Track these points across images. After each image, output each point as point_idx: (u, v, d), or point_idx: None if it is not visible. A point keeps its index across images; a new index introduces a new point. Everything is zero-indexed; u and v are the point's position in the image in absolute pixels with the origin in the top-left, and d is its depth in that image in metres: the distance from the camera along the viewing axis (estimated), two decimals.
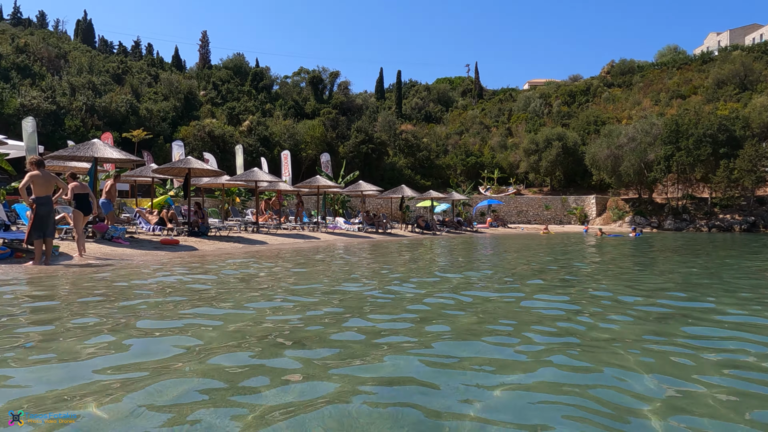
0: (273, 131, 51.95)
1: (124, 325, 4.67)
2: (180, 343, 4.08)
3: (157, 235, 15.17)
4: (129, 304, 5.75)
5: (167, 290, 6.87)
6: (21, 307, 5.51)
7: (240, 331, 4.54)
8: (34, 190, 8.96)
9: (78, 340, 4.10)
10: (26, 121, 19.56)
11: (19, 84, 41.47)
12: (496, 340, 4.39)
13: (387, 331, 4.70)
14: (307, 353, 3.85)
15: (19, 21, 78.07)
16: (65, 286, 7.18)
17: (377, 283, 7.98)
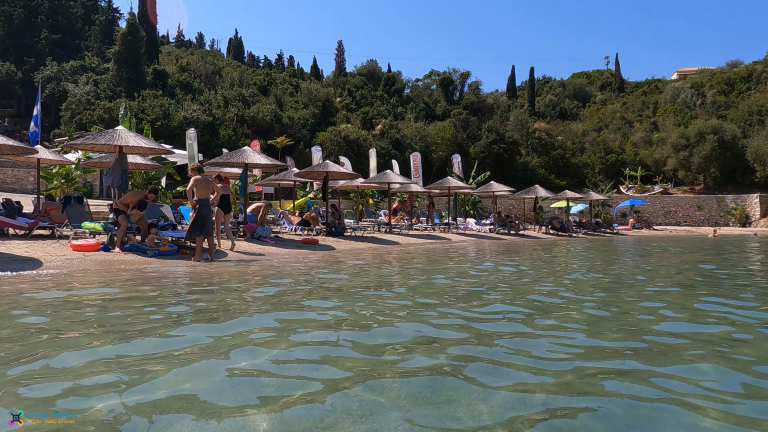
0: (404, 134, 53.05)
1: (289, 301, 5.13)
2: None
3: (298, 234, 16.24)
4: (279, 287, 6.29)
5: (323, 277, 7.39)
6: (209, 289, 6.26)
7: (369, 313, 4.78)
8: (196, 193, 10.07)
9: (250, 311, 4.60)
10: (189, 132, 21.93)
11: (182, 99, 46.50)
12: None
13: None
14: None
15: (182, 43, 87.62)
16: (244, 274, 8.00)
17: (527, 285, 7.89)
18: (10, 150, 12.70)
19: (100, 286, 7.01)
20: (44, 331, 4.30)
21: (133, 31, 47.04)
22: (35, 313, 4.98)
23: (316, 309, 5.51)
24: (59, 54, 50.35)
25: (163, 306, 5.59)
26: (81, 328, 4.47)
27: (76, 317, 4.93)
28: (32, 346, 3.83)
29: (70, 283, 7.10)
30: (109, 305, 5.57)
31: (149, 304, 5.65)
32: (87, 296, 6.17)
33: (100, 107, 39.40)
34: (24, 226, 11.64)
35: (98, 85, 45.50)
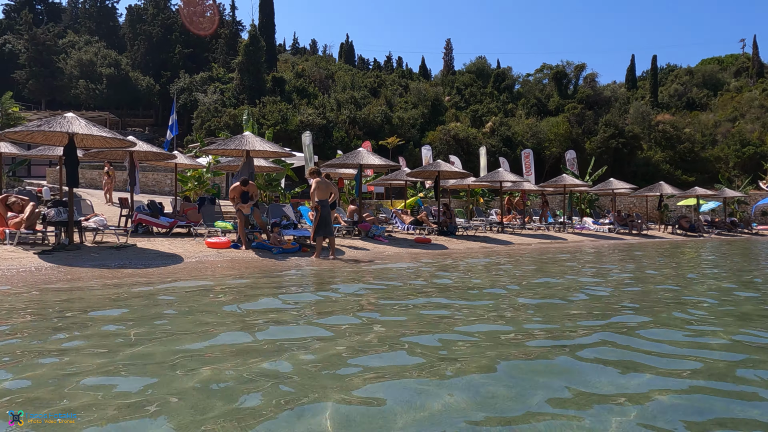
0: (515, 131, 51.83)
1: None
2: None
3: (410, 233, 16.47)
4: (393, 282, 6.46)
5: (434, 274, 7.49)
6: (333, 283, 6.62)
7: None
8: (318, 195, 10.57)
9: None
10: (305, 135, 22.99)
11: (299, 104, 48.80)
12: None
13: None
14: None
15: (297, 50, 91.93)
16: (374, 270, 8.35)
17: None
18: (153, 156, 14.11)
19: (236, 277, 7.60)
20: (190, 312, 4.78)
21: (254, 41, 50.13)
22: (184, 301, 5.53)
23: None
24: (191, 67, 54.89)
25: (287, 293, 5.97)
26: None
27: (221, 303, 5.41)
28: (197, 324, 4.27)
29: (211, 274, 7.77)
30: (251, 293, 6.05)
31: (283, 292, 6.07)
32: (230, 286, 6.74)
33: (226, 114, 42.43)
34: (165, 225, 12.87)
35: (224, 93, 49.01)
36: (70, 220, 9.71)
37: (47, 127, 8.98)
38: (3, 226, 9.39)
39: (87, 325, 4.47)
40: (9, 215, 9.57)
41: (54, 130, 8.90)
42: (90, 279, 7.24)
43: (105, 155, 14.42)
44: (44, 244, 9.83)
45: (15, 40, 54.12)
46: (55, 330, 4.30)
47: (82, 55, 51.35)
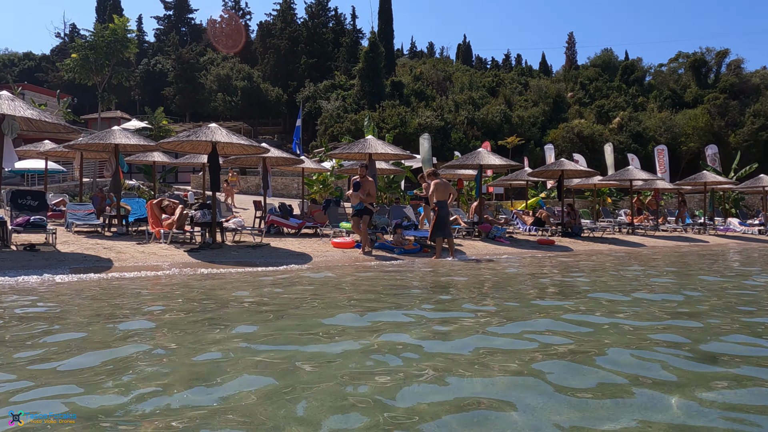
0: (646, 125, 48.38)
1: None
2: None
3: (532, 235, 16.04)
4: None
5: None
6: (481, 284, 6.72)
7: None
8: (436, 196, 10.68)
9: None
10: (423, 138, 23.22)
11: (417, 106, 49.36)
12: None
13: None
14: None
15: (415, 54, 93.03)
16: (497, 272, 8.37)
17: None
18: (284, 161, 15.04)
19: (358, 271, 7.92)
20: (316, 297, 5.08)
21: (373, 48, 51.52)
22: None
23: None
24: (315, 76, 57.65)
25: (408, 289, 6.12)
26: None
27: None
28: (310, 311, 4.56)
29: (339, 273, 8.17)
30: (375, 289, 6.30)
31: (404, 291, 6.24)
32: (356, 280, 7.06)
33: (348, 120, 44.02)
34: (295, 226, 13.68)
35: (345, 100, 50.88)
36: (213, 221, 10.68)
37: (195, 137, 9.95)
38: (158, 227, 10.55)
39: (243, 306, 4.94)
40: (163, 217, 10.73)
41: (200, 140, 9.85)
42: (231, 273, 7.92)
43: (241, 162, 15.64)
44: (192, 242, 10.89)
45: (164, 60, 60.23)
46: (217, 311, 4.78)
47: (220, 70, 55.91)
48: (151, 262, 8.57)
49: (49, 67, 59.96)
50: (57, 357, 3.44)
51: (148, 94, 56.77)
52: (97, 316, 4.76)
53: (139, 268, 8.05)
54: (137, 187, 24.59)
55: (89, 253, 8.89)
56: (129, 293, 6.16)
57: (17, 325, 4.34)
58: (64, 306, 5.35)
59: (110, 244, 9.82)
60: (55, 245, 9.23)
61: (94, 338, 3.99)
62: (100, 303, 5.48)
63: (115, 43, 27.82)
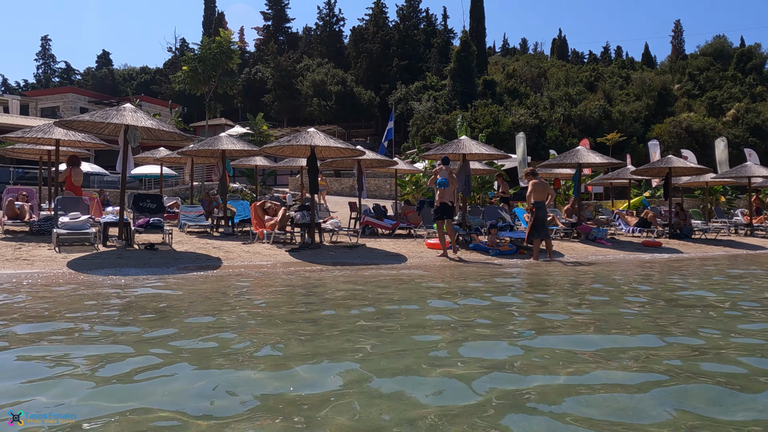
0: (766, 117, 44.30)
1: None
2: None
3: (636, 236, 15.20)
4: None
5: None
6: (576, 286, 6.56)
7: None
8: (534, 196, 10.42)
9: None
10: (519, 137, 22.71)
11: (510, 105, 48.36)
12: None
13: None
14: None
15: (507, 51, 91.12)
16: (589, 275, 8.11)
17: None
18: (378, 163, 15.30)
19: (460, 278, 7.90)
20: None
21: (465, 47, 51.11)
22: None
23: None
24: (406, 78, 58.12)
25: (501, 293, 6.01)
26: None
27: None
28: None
29: (430, 273, 8.20)
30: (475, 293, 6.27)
31: (501, 293, 6.15)
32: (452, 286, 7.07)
33: (440, 120, 43.97)
34: (389, 227, 13.87)
35: (437, 100, 50.85)
36: (312, 223, 11.07)
37: (295, 142, 10.39)
38: (262, 228, 11.10)
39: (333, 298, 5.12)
40: (266, 218, 11.28)
41: (300, 144, 10.27)
42: (329, 271, 8.19)
43: (337, 164, 16.11)
44: (292, 242, 11.36)
45: (264, 68, 63.22)
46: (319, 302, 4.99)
47: (315, 76, 57.84)
48: (257, 261, 9.04)
49: (162, 79, 64.86)
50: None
51: (249, 101, 59.83)
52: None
53: (248, 266, 8.52)
54: (240, 189, 25.98)
55: (201, 252, 9.53)
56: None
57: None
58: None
59: (219, 244, 10.47)
60: (171, 245, 9.98)
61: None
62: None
63: (221, 55, 29.64)
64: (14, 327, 4.28)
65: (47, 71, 78.75)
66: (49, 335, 4.07)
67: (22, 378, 3.05)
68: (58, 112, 42.84)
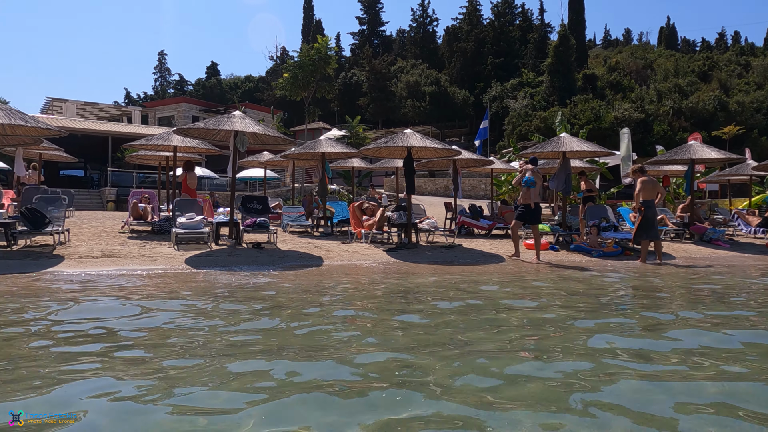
0: None
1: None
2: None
3: (759, 237, 13.96)
4: None
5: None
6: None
7: None
8: (643, 195, 9.87)
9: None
10: (622, 132, 21.57)
11: (612, 99, 45.98)
12: None
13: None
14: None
15: (609, 43, 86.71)
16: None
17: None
18: (474, 163, 15.17)
19: (561, 279, 7.68)
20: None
21: (563, 41, 49.29)
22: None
23: None
24: (501, 75, 57.02)
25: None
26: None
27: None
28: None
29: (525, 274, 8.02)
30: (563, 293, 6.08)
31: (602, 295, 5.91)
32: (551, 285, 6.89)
33: (536, 118, 42.72)
34: (485, 227, 13.72)
35: (534, 97, 49.43)
36: (409, 223, 11.20)
37: (392, 143, 10.56)
38: (360, 228, 11.39)
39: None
40: (364, 218, 11.56)
41: (397, 145, 10.43)
42: (428, 271, 8.25)
43: (432, 165, 16.15)
44: (389, 242, 11.55)
45: (359, 72, 64.59)
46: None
47: (409, 77, 58.23)
48: (356, 260, 9.30)
49: (264, 86, 68.13)
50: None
51: (345, 104, 61.35)
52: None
53: (345, 267, 8.79)
54: (338, 191, 26.75)
55: (303, 251, 9.95)
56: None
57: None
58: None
59: (319, 243, 10.87)
60: (276, 243, 10.50)
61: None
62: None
63: (319, 61, 30.62)
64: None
65: (163, 83, 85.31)
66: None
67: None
68: (173, 120, 46.29)
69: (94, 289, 6.21)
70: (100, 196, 25.28)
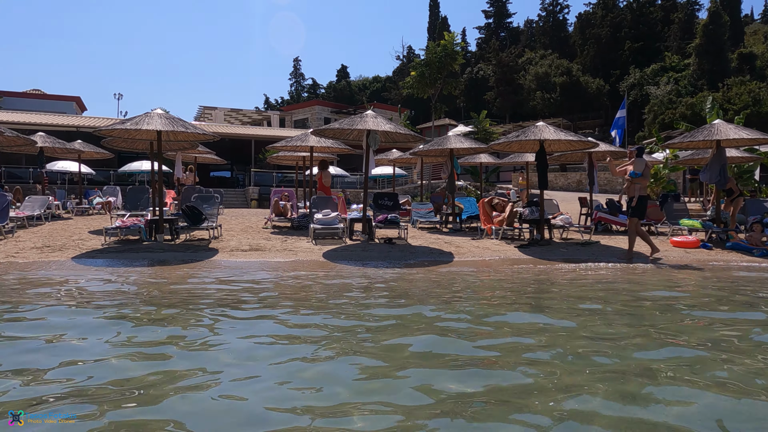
0: None
1: None
2: None
3: None
4: None
5: None
6: None
7: None
8: None
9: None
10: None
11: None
12: None
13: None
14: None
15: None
16: None
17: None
18: (610, 155, 14.29)
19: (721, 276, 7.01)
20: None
21: (715, 18, 44.72)
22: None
23: None
24: (640, 61, 53.06)
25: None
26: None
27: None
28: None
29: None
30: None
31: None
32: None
33: (682, 104, 39.22)
34: (624, 223, 12.85)
35: (678, 82, 45.43)
36: (541, 218, 10.84)
37: (524, 137, 10.29)
38: (490, 224, 11.24)
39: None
40: (494, 214, 11.39)
41: (529, 139, 10.13)
42: (559, 269, 7.93)
43: (565, 158, 15.45)
44: (520, 239, 11.27)
45: (485, 66, 63.63)
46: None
47: (538, 69, 56.23)
48: (486, 256, 9.19)
49: (391, 86, 69.56)
50: None
51: (471, 100, 60.76)
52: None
53: (476, 263, 8.73)
54: (465, 187, 26.59)
55: (433, 246, 10.04)
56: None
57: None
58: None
59: (449, 239, 10.89)
60: (406, 239, 10.70)
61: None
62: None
63: (445, 58, 30.66)
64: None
65: (298, 88, 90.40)
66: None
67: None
68: (307, 122, 48.87)
69: (255, 269, 6.78)
70: (244, 194, 27.42)
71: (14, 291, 5.74)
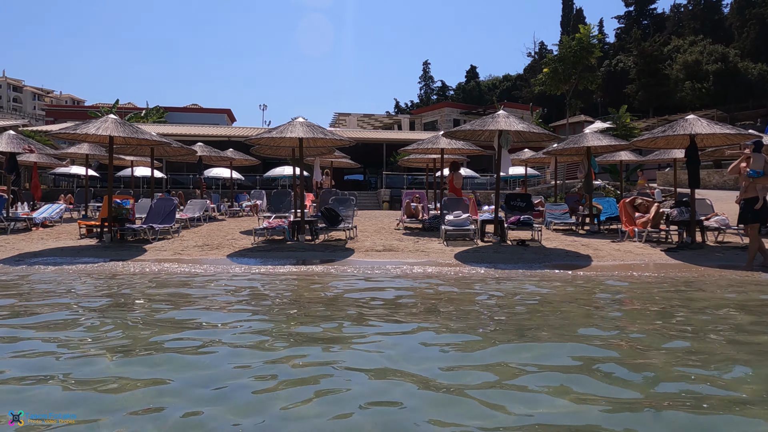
0: None
1: None
2: None
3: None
4: None
5: None
6: None
7: None
8: None
9: None
10: None
11: None
12: None
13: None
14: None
15: None
16: None
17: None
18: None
19: None
20: None
21: None
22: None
23: None
24: None
25: None
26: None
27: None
28: None
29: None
30: None
31: None
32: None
33: None
34: None
35: None
36: (692, 220, 9.97)
37: (671, 132, 9.53)
38: (632, 225, 10.55)
39: None
40: (636, 215, 10.68)
41: (678, 134, 9.36)
42: (720, 277, 7.23)
43: (720, 154, 14.03)
44: (668, 241, 10.44)
45: (625, 58, 59.54)
46: None
47: (687, 57, 51.45)
48: (629, 260, 8.65)
49: (522, 84, 67.72)
50: None
51: (609, 94, 57.22)
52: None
53: (618, 267, 8.25)
54: (603, 186, 25.15)
55: (570, 249, 9.65)
56: None
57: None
58: None
59: (586, 242, 10.40)
60: (540, 241, 10.40)
61: None
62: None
63: (581, 51, 29.13)
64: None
65: (427, 91, 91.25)
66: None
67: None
68: (437, 124, 49.14)
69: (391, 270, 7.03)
70: (376, 196, 28.28)
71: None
